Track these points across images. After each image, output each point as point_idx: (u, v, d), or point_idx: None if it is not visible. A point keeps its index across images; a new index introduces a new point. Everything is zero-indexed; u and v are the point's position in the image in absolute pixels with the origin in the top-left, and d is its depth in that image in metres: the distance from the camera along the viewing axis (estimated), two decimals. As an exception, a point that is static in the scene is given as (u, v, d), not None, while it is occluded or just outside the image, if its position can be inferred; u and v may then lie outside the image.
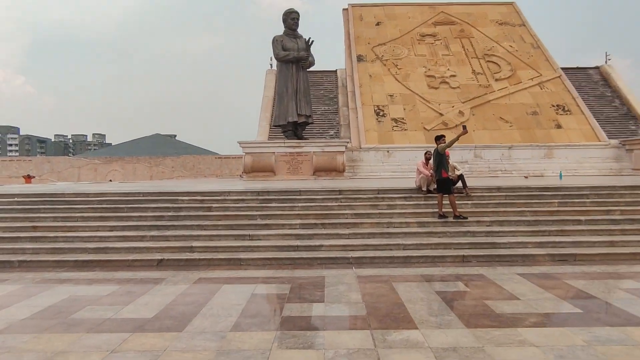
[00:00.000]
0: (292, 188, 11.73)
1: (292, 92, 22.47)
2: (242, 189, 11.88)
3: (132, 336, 4.73)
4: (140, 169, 51.14)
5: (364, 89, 27.45)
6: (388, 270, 7.59)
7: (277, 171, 21.56)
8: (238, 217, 10.09)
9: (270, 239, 9.09)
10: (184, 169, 50.69)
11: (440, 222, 9.68)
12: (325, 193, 11.26)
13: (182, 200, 10.97)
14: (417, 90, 27.13)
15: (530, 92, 27.03)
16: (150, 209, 10.60)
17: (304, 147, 21.71)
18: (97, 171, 51.08)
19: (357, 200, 10.91)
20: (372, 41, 30.71)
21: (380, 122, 25.57)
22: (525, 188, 11.46)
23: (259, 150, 21.76)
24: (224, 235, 9.17)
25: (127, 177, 49.09)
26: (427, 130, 25.00)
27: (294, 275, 7.35)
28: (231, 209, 10.55)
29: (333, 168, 21.63)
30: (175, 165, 51.45)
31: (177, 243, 8.87)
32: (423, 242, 8.67)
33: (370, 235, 9.15)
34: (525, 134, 24.88)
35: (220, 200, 10.98)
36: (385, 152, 24.26)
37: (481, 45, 30.10)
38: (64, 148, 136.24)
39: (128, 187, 13.25)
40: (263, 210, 10.45)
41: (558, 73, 28.07)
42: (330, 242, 8.78)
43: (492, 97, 26.66)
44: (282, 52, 22.41)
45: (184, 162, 51.91)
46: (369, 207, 10.56)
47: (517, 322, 5.00)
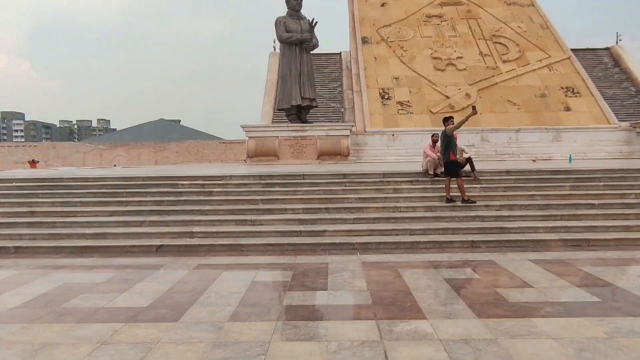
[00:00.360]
0: (295, 172, 11.43)
1: (296, 74, 22.05)
2: (244, 173, 11.59)
3: (124, 327, 4.49)
4: (144, 154, 51.04)
5: (368, 71, 26.92)
6: (394, 257, 7.30)
7: (281, 155, 21.26)
8: (240, 202, 9.81)
9: (272, 224, 8.81)
10: (188, 154, 50.54)
11: (447, 206, 9.35)
12: (329, 177, 10.95)
13: (182, 184, 10.70)
14: (423, 73, 26.56)
15: (539, 74, 26.40)
16: (150, 193, 10.34)
17: (308, 131, 21.37)
18: (102, 156, 51.04)
19: (362, 184, 10.60)
20: (377, 22, 30.04)
21: (385, 106, 25.10)
22: (535, 171, 11.09)
23: (263, 134, 21.44)
24: (225, 221, 8.90)
25: (132, 162, 49.02)
26: (433, 113, 24.52)
27: (296, 262, 7.08)
28: (233, 193, 10.27)
29: (337, 152, 21.31)
30: (180, 150, 51.30)
31: (177, 228, 8.62)
32: (430, 227, 8.37)
33: (376, 220, 8.85)
34: (533, 116, 24.34)
35: (221, 184, 10.70)
36: (391, 135, 23.84)
37: (489, 26, 29.37)
38: (69, 133, 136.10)
39: (128, 172, 13.00)
40: (265, 194, 10.16)
41: (567, 54, 27.38)
42: (335, 227, 8.50)
43: (500, 79, 26.06)
44: (285, 34, 21.93)
45: (188, 147, 51.74)
46: (374, 191, 10.25)
47: (532, 311, 4.71)
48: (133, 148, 52.08)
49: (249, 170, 13.42)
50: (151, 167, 20.14)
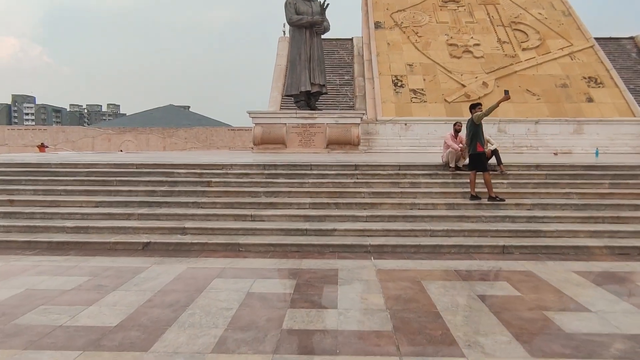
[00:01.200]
0: (302, 162, 10.37)
1: (306, 59, 20.88)
2: (247, 162, 10.56)
3: (80, 356, 3.50)
4: (153, 140, 50.36)
5: (381, 57, 25.66)
6: (414, 263, 6.25)
7: (289, 143, 20.18)
8: (240, 194, 8.78)
9: (275, 220, 7.79)
10: (197, 141, 49.82)
11: (472, 204, 8.26)
12: (339, 168, 9.88)
13: (178, 173, 9.69)
14: (438, 60, 25.27)
15: (560, 62, 25.00)
16: (142, 182, 9.34)
17: (317, 119, 20.26)
18: (110, 141, 50.43)
19: (375, 177, 9.53)
20: (391, 7, 28.69)
21: (398, 93, 23.89)
22: (568, 166, 9.94)
23: (270, 120, 20.35)
24: (223, 215, 7.88)
25: (141, 147, 48.42)
26: (448, 102, 23.31)
27: (301, 267, 6.06)
28: (232, 184, 9.24)
29: (347, 141, 20.19)
30: (188, 137, 50.59)
31: (168, 223, 7.62)
32: (454, 228, 7.29)
33: (392, 218, 7.79)
34: (554, 107, 23.03)
35: (221, 174, 9.67)
36: (403, 125, 22.68)
37: (507, 12, 27.93)
38: (79, 118, 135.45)
39: (123, 158, 12.01)
40: (269, 186, 9.13)
41: (590, 43, 25.91)
42: (345, 225, 7.45)
43: (519, 67, 24.71)
44: (295, 16, 20.73)
45: (196, 134, 51.00)
46: (389, 185, 9.17)
47: (600, 349, 3.65)
48: (142, 133, 51.40)
49: (254, 158, 12.38)
50: (150, 154, 19.17)
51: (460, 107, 23.04)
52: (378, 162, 10.41)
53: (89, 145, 50.20)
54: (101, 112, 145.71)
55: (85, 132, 53.24)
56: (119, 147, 48.36)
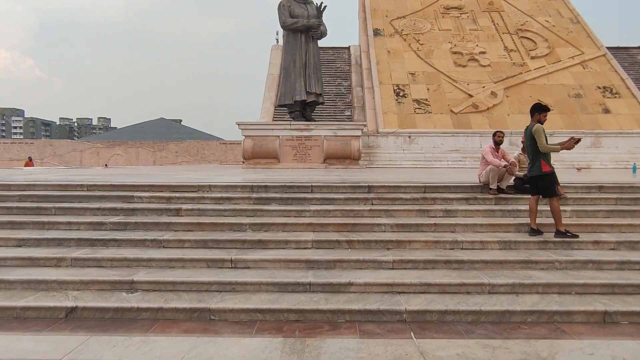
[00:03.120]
0: (300, 181, 8.06)
1: (301, 66, 18.72)
2: (231, 181, 8.23)
3: None
4: (143, 154, 48.27)
5: (381, 66, 23.57)
6: (479, 345, 3.93)
7: (282, 158, 17.89)
8: (218, 228, 6.41)
9: (265, 266, 5.43)
10: (187, 155, 47.77)
11: (535, 241, 5.97)
12: (348, 190, 7.58)
13: (139, 198, 7.31)
14: (442, 68, 23.23)
15: (572, 72, 23.07)
16: (90, 210, 6.94)
17: (314, 130, 18.02)
18: (99, 155, 48.33)
19: (396, 202, 7.22)
20: (391, 14, 26.73)
21: (400, 104, 21.75)
22: (638, 188, 7.70)
23: (261, 132, 18.07)
24: (191, 261, 5.51)
25: (130, 161, 46.36)
26: (455, 113, 21.20)
27: (304, 358, 3.71)
28: (209, 213, 6.87)
29: (347, 155, 17.96)
30: (179, 151, 48.57)
31: (111, 273, 5.24)
32: (522, 282, 4.98)
33: (429, 264, 5.47)
34: (568, 119, 21.00)
35: (195, 199, 7.31)
36: (407, 137, 20.49)
37: (513, 20, 26.07)
38: (69, 131, 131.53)
39: (73, 177, 9.57)
40: (257, 216, 6.78)
41: (602, 51, 24.06)
42: (365, 276, 5.12)
43: (529, 76, 22.73)
44: (289, 19, 18.60)
45: (187, 148, 49.01)
46: (416, 213, 6.86)
47: None
48: (131, 147, 49.28)
49: (243, 177, 10.07)
50: (118, 170, 16.75)
51: (468, 119, 20.96)
52: (396, 181, 8.12)
53: (77, 159, 47.85)
54: (91, 125, 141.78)
55: (73, 145, 50.87)
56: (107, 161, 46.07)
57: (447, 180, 8.30)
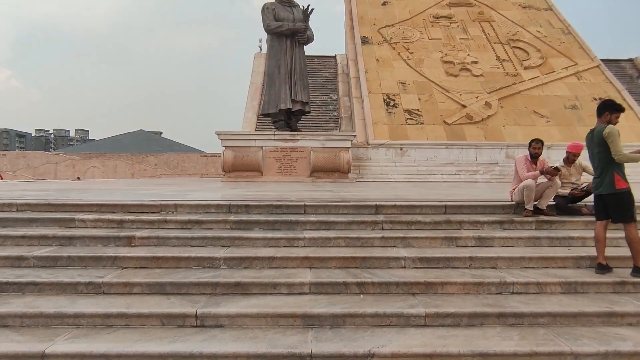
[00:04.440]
0: (289, 199, 6.45)
1: (286, 72, 17.19)
2: (204, 199, 6.56)
3: None
4: (121, 166, 46.19)
5: (370, 74, 22.22)
6: None
7: (265, 171, 16.25)
8: (181, 264, 4.72)
9: (245, 324, 3.77)
10: (167, 167, 45.88)
11: (607, 282, 4.44)
12: (351, 210, 5.98)
13: (82, 221, 5.58)
14: (434, 78, 21.99)
15: (566, 82, 22.08)
16: (11, 239, 5.17)
17: (300, 141, 16.46)
18: (75, 167, 46.13)
19: (412, 226, 5.64)
20: (378, 22, 25.51)
21: (391, 114, 20.36)
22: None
23: (243, 143, 16.42)
24: (138, 317, 3.80)
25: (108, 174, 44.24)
26: (448, 124, 19.89)
27: None
28: (172, 242, 5.18)
29: (336, 168, 16.42)
30: (159, 163, 46.68)
31: (16, 340, 3.51)
32: (618, 349, 3.43)
33: (475, 318, 3.86)
34: (565, 130, 19.89)
35: (156, 222, 5.60)
36: (399, 149, 19.06)
37: (504, 30, 25.10)
38: (45, 143, 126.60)
39: (10, 191, 7.73)
40: (236, 246, 5.12)
41: (596, 62, 23.19)
42: (390, 341, 3.49)
43: (523, 87, 21.64)
44: (273, 23, 17.10)
45: (167, 160, 47.15)
46: (442, 242, 5.29)
47: None
48: (109, 159, 47.21)
49: (220, 193, 8.40)
50: (77, 184, 14.90)
51: (462, 130, 19.68)
52: (405, 199, 6.56)
53: (52, 172, 45.50)
54: (69, 137, 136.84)
55: (47, 157, 48.50)
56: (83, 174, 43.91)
57: (468, 198, 6.78)
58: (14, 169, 44.82)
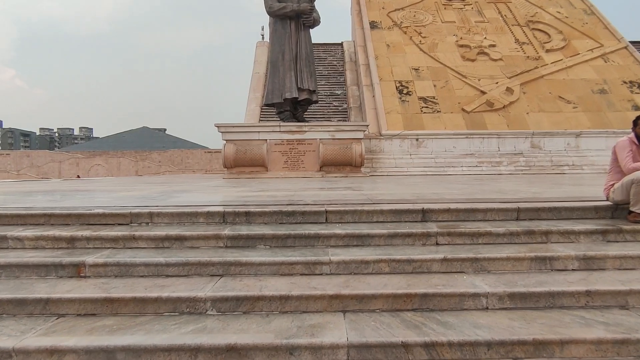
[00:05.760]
0: (303, 201, 4.79)
1: (291, 59, 15.55)
2: (193, 203, 4.91)
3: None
4: (125, 164, 44.93)
5: (381, 61, 20.45)
6: None
7: (271, 166, 14.63)
8: (146, 310, 3.08)
9: None
10: (171, 164, 44.56)
11: None
12: (389, 218, 4.31)
13: (18, 239, 3.93)
14: (449, 63, 20.19)
15: (593, 65, 20.22)
16: None
17: (307, 133, 14.83)
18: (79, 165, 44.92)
19: (480, 239, 3.96)
20: (387, 5, 23.68)
21: (404, 102, 18.61)
22: None
23: (245, 136, 14.81)
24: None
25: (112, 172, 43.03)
26: (467, 112, 18.12)
27: None
28: (138, 271, 3.52)
29: (347, 161, 14.79)
30: (163, 160, 45.36)
31: None
32: None
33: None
34: (595, 117, 18.08)
35: (120, 240, 3.95)
36: (414, 140, 17.34)
37: (522, 11, 23.22)
38: (50, 142, 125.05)
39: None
40: (230, 275, 3.47)
41: (623, 43, 21.28)
42: None
43: (546, 71, 19.80)
44: (276, 4, 15.46)
45: (171, 157, 45.82)
46: (530, 264, 3.60)
47: None
48: (112, 157, 45.96)
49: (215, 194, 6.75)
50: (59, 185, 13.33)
51: (483, 118, 17.91)
52: (460, 199, 4.89)
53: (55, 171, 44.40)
54: (73, 135, 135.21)
55: (51, 156, 47.37)
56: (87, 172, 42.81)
57: (545, 197, 5.07)
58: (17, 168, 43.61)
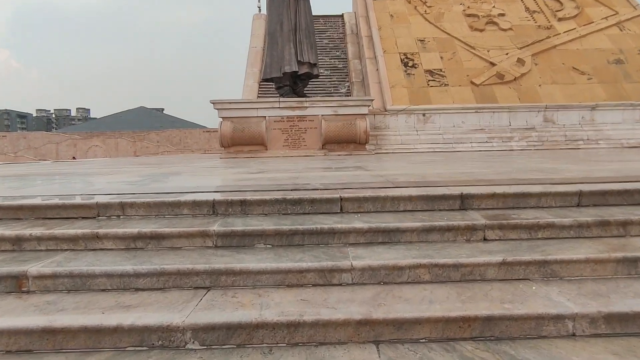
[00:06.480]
0: (310, 185, 3.88)
1: (290, 29, 14.46)
2: (177, 189, 4.01)
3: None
4: (122, 144, 43.82)
5: (384, 32, 19.23)
6: None
7: (270, 144, 13.70)
8: (105, 341, 2.22)
9: None
10: (170, 144, 43.44)
11: None
12: (419, 205, 3.42)
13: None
14: (456, 34, 18.98)
15: (608, 34, 19.03)
16: None
17: (309, 109, 13.87)
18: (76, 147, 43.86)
19: (540, 232, 3.06)
20: (390, -26, 22.28)
21: (410, 76, 17.50)
22: None
23: (243, 113, 13.85)
24: None
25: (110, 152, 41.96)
26: (476, 85, 17.04)
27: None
28: (97, 283, 2.64)
29: (351, 139, 13.89)
30: (161, 140, 44.23)
31: None
32: None
33: None
34: (611, 89, 17.02)
35: (80, 240, 3.06)
36: (421, 115, 16.32)
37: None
38: (47, 123, 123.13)
39: None
40: (217, 288, 2.59)
41: (639, 10, 20.07)
42: None
43: (558, 41, 18.61)
44: (273, -30, 14.31)
45: (169, 137, 44.65)
46: (615, 267, 2.68)
47: None
48: (110, 137, 44.87)
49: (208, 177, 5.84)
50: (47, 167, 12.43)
51: (493, 91, 16.86)
52: (502, 179, 3.99)
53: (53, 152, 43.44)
54: (70, 116, 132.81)
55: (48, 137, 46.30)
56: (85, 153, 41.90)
57: (597, 176, 4.16)
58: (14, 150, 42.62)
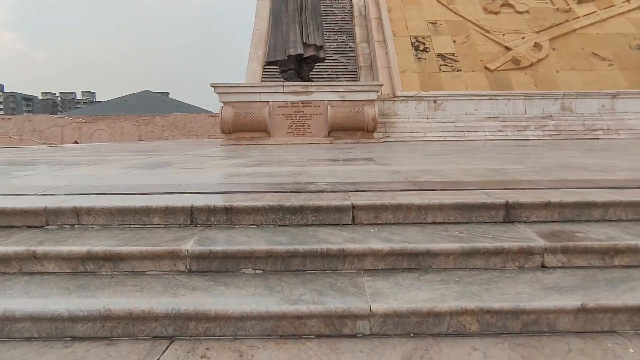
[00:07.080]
0: (313, 186, 3.12)
1: (295, 9, 13.55)
2: (150, 187, 3.26)
3: None
4: (127, 128, 43.28)
5: (394, 14, 18.24)
6: None
7: (274, 131, 12.90)
8: None
9: None
10: (174, 129, 42.83)
11: None
12: (451, 217, 2.66)
13: None
14: (470, 16, 17.96)
15: (630, 18, 17.94)
16: None
17: (314, 94, 13.03)
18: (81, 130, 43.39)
19: (617, 258, 2.33)
20: (401, -47, 21.15)
21: (421, 60, 16.57)
22: None
23: (245, 97, 13.03)
24: None
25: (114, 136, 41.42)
26: (491, 70, 16.10)
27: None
28: (21, 328, 1.91)
29: (359, 126, 13.08)
30: (166, 125, 43.63)
31: None
32: None
33: None
34: (633, 75, 16.03)
35: (15, 260, 2.33)
36: (432, 102, 15.44)
37: (550, -42, 20.67)
38: (52, 106, 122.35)
39: None
40: (185, 338, 1.86)
41: (663, -7, 18.90)
42: None
43: (577, 25, 17.57)
44: (278, -55, 13.35)
45: (174, 121, 44.04)
46: None
47: None
48: (115, 121, 44.32)
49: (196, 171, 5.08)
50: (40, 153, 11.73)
51: (508, 77, 15.92)
52: (546, 182, 3.21)
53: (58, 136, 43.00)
54: (75, 99, 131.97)
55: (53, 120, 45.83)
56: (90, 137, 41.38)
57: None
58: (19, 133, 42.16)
